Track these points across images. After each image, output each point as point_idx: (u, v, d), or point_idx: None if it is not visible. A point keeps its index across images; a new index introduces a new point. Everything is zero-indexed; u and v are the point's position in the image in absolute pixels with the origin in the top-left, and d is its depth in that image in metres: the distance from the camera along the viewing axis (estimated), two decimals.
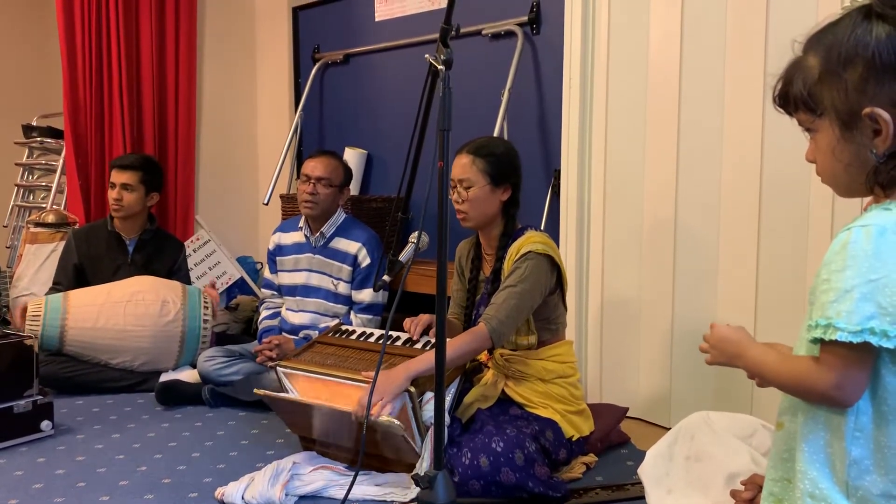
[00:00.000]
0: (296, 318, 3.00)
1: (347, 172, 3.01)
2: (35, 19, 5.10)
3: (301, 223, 3.01)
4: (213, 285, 3.25)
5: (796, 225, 2.18)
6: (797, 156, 1.14)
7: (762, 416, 1.78)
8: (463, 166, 2.16)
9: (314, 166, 2.91)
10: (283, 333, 3.00)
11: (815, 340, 1.01)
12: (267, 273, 3.16)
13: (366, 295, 2.90)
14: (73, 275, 3.18)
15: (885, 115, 0.99)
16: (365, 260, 2.90)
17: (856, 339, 0.96)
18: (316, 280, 2.96)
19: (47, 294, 3.07)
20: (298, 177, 3.00)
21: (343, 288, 2.93)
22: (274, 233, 3.14)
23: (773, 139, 2.22)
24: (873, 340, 0.95)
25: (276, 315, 3.09)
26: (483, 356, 2.25)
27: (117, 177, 3.16)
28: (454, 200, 2.18)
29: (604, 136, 2.66)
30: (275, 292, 3.13)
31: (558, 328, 2.23)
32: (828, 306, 0.98)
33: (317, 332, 2.89)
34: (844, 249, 0.99)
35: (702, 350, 1.26)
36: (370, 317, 2.91)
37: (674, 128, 2.46)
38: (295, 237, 3.04)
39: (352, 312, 2.94)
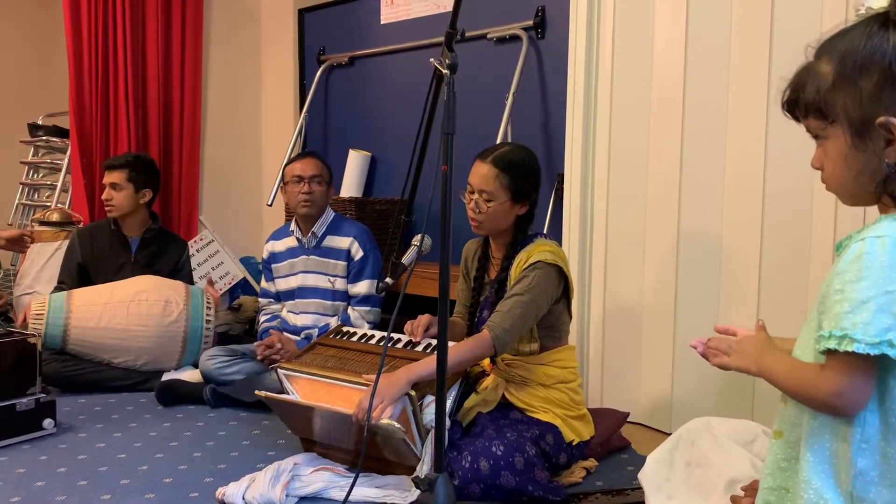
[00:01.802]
0: (297, 320, 3.01)
1: (331, 170, 3.06)
2: (42, 19, 5.12)
3: (292, 227, 3.03)
4: (210, 283, 3.26)
5: (799, 230, 2.18)
6: (800, 161, 1.13)
7: (763, 422, 1.78)
8: (485, 178, 2.10)
9: (303, 167, 2.94)
10: (285, 333, 3.01)
11: (828, 351, 1.00)
12: (263, 282, 3.17)
13: (362, 287, 2.93)
14: (77, 273, 3.19)
15: None
16: (358, 253, 2.93)
17: (873, 352, 0.95)
18: (312, 280, 2.98)
19: (51, 293, 3.08)
20: (284, 182, 3.02)
21: (340, 284, 2.95)
22: (266, 242, 3.16)
23: (777, 145, 2.22)
24: (891, 353, 0.95)
25: (276, 318, 3.11)
26: (486, 363, 2.25)
27: (106, 177, 3.19)
28: (470, 208, 2.15)
29: (607, 141, 2.67)
30: (272, 300, 3.14)
31: (561, 335, 2.22)
32: (842, 317, 0.97)
33: (316, 330, 2.91)
34: (859, 260, 0.97)
35: (719, 349, 1.24)
36: (368, 308, 2.93)
37: (677, 133, 2.47)
38: (287, 242, 3.06)
39: (349, 306, 2.95)
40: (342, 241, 2.95)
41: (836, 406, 1.01)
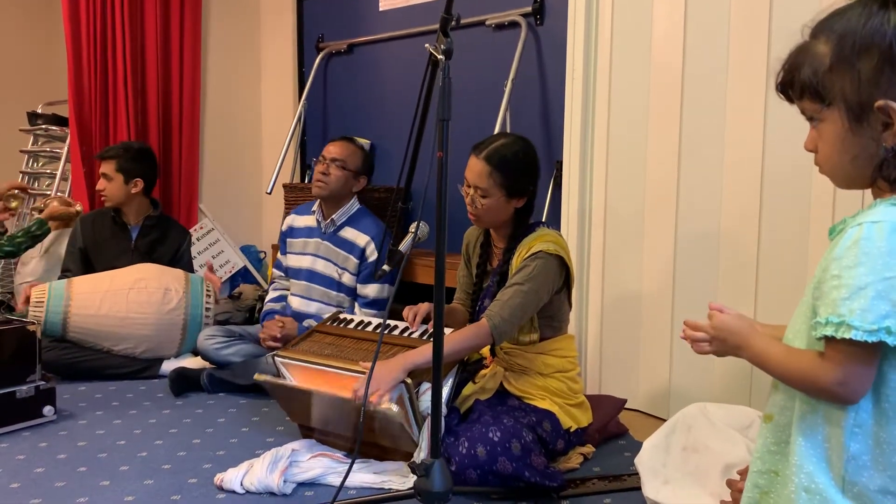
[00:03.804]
0: (298, 304, 3.01)
1: (366, 162, 2.99)
2: (40, 6, 5.10)
3: (315, 207, 3.01)
4: (210, 269, 3.26)
5: (797, 217, 2.18)
6: (799, 147, 1.11)
7: (760, 408, 1.78)
8: (479, 175, 2.09)
9: (330, 149, 2.93)
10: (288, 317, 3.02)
11: (825, 338, 0.99)
12: (279, 254, 3.17)
13: (371, 290, 2.89)
14: (81, 259, 3.21)
15: None
16: (373, 255, 2.87)
17: (871, 339, 0.94)
18: (321, 266, 2.96)
19: (54, 281, 3.09)
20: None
21: (347, 279, 2.92)
22: (289, 214, 3.15)
23: (776, 132, 2.21)
24: (889, 340, 0.94)
25: (282, 299, 3.10)
26: (485, 353, 2.25)
27: (100, 167, 3.21)
28: (467, 202, 2.15)
29: (606, 128, 2.66)
30: (283, 274, 3.14)
31: (561, 325, 2.22)
32: (840, 303, 0.96)
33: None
34: (856, 246, 0.96)
35: (695, 340, 1.21)
36: (374, 312, 2.91)
37: (676, 120, 2.46)
38: (307, 221, 3.04)
39: (356, 305, 2.93)
40: (359, 238, 2.90)
41: (840, 395, 1.00)
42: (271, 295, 3.14)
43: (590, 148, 2.72)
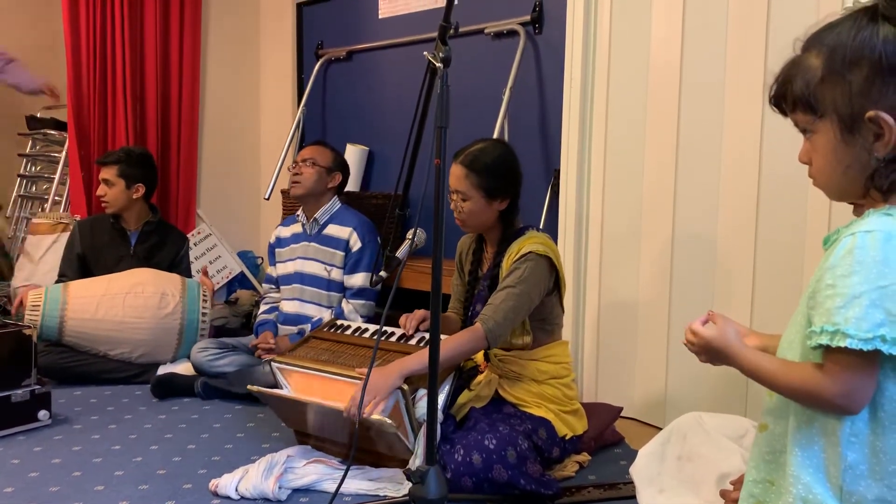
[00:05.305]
0: (292, 308, 3.01)
1: (338, 159, 3.05)
2: (40, 11, 5.11)
3: (298, 213, 3.07)
4: (205, 272, 3.26)
5: (794, 225, 2.19)
6: (795, 157, 1.12)
7: (756, 417, 1.79)
8: (457, 178, 2.13)
9: (302, 152, 3.02)
10: (280, 326, 3.03)
11: (820, 347, 0.99)
12: (268, 268, 3.19)
13: (357, 279, 2.92)
14: (78, 265, 3.20)
15: (890, 119, 0.98)
16: (356, 244, 2.92)
17: (866, 347, 0.94)
18: (310, 267, 2.99)
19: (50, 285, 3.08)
20: None
21: (336, 274, 2.95)
22: (276, 228, 3.19)
23: (772, 140, 2.22)
24: (884, 348, 0.94)
25: (274, 310, 3.12)
26: (480, 359, 2.25)
27: (100, 173, 3.22)
28: (452, 207, 2.17)
29: (604, 137, 2.67)
30: (273, 286, 3.15)
31: (554, 329, 2.22)
32: (834, 312, 0.96)
33: (309, 326, 2.91)
34: (850, 255, 0.97)
35: (689, 348, 1.24)
36: (362, 302, 2.93)
37: (673, 128, 2.47)
38: (293, 229, 3.09)
39: (344, 299, 2.96)
40: (342, 231, 2.96)
41: (843, 406, 0.99)
42: (263, 308, 3.16)
43: (587, 156, 2.73)
